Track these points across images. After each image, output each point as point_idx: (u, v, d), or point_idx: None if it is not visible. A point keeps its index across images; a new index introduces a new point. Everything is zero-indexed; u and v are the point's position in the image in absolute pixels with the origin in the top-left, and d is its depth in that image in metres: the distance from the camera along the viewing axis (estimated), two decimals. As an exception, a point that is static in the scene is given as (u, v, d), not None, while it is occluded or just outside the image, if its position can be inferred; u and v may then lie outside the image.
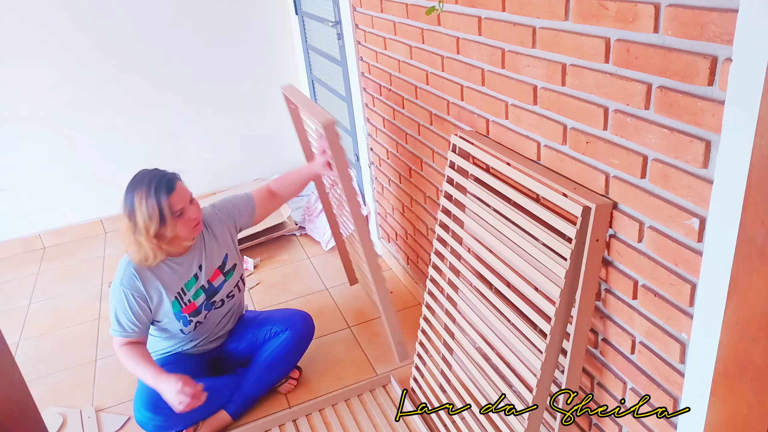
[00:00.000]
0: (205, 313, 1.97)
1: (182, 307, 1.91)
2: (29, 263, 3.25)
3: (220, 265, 1.98)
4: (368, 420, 1.93)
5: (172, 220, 1.74)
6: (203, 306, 1.96)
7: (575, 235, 1.20)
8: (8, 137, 3.15)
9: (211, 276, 1.96)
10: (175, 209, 1.74)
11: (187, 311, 1.92)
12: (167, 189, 1.72)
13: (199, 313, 1.95)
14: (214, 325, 2.04)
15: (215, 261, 1.96)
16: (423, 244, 2.32)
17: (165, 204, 1.71)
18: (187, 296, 1.91)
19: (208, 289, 1.95)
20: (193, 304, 1.93)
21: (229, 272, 2.00)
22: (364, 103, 2.57)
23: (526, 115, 1.39)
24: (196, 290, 1.93)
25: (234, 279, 2.02)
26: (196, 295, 1.93)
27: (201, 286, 1.94)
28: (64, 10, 3.02)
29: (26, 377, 1.17)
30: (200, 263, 1.93)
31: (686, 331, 1.07)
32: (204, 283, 1.94)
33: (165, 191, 1.72)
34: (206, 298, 1.95)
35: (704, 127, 0.93)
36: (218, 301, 2.00)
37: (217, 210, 2.01)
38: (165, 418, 1.86)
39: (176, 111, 3.43)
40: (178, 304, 1.90)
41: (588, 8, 1.10)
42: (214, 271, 1.96)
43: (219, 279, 1.98)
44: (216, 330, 2.06)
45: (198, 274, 1.92)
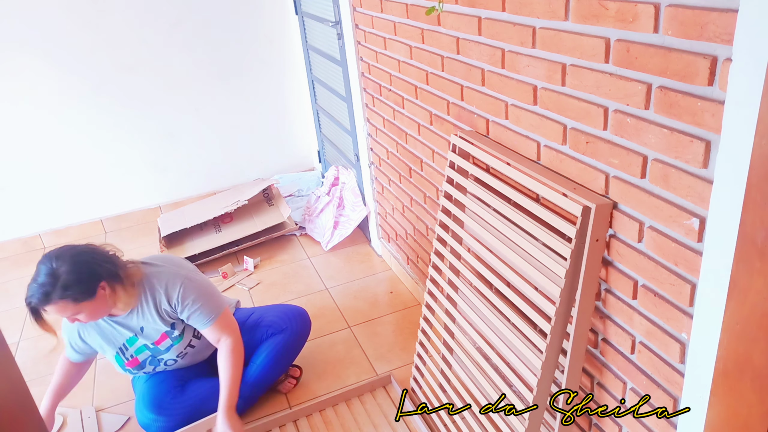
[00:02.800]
0: (152, 368, 1.91)
1: (125, 362, 1.88)
2: (29, 263, 3.25)
3: (168, 331, 1.86)
4: (368, 420, 1.93)
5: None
6: (148, 362, 1.89)
7: (575, 235, 1.20)
8: (8, 137, 3.15)
9: (156, 340, 1.86)
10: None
11: (131, 365, 1.89)
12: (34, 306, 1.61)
13: (143, 367, 1.90)
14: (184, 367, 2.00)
15: (159, 327, 1.84)
16: (423, 244, 2.32)
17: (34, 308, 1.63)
18: (129, 351, 1.87)
19: (152, 349, 1.88)
20: (136, 359, 1.88)
21: (178, 337, 1.89)
22: (364, 103, 2.57)
23: (526, 115, 1.39)
24: (139, 347, 1.87)
25: (184, 342, 1.90)
26: (138, 351, 1.87)
27: (144, 344, 1.87)
28: (64, 10, 3.02)
29: (26, 377, 1.17)
30: (141, 325, 1.83)
31: (686, 331, 1.07)
32: (147, 343, 1.86)
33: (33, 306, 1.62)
34: (152, 355, 1.89)
35: (704, 127, 0.93)
36: (169, 360, 1.91)
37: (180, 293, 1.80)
38: (169, 419, 1.86)
39: (176, 111, 3.43)
40: (120, 359, 1.87)
41: (588, 8, 1.10)
42: (161, 335, 1.86)
43: (166, 343, 1.88)
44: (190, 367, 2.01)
45: (138, 334, 1.85)
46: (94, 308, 1.68)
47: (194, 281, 1.84)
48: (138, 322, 1.83)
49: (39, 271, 1.62)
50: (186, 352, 1.93)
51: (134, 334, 1.84)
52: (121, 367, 1.89)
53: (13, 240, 3.35)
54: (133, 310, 1.80)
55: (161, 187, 3.55)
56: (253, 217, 3.23)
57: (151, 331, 1.84)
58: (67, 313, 1.64)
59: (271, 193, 3.39)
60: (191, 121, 3.49)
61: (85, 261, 1.65)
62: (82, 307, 1.65)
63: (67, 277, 1.60)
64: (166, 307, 1.81)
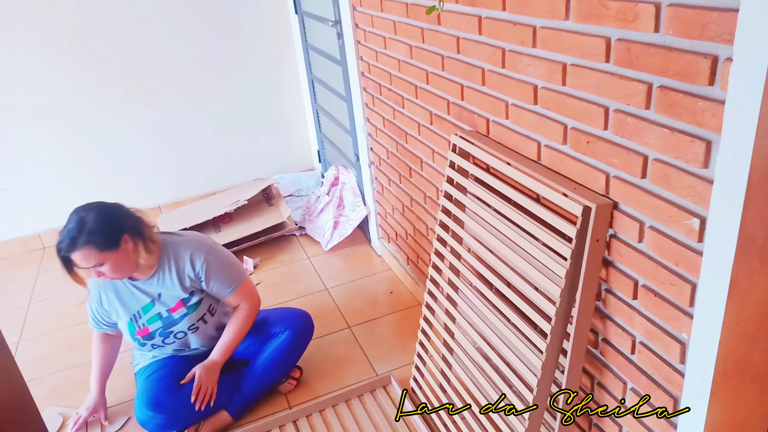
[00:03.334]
0: (161, 339, 1.94)
1: (136, 330, 1.92)
2: (29, 263, 3.25)
3: (185, 298, 1.91)
4: (368, 420, 1.93)
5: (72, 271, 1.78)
6: (158, 332, 1.93)
7: (575, 235, 1.19)
8: (8, 137, 3.14)
9: (172, 307, 1.91)
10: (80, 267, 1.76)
11: (141, 334, 1.92)
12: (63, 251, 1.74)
13: (152, 338, 1.94)
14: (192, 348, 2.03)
15: (178, 293, 1.90)
16: (423, 244, 2.32)
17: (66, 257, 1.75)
18: (142, 320, 1.90)
19: (165, 318, 1.92)
20: (147, 328, 1.91)
21: (193, 306, 1.93)
22: (364, 103, 2.57)
23: (526, 115, 1.39)
24: (152, 315, 1.91)
25: (198, 313, 1.94)
26: (151, 321, 1.91)
27: (158, 313, 1.91)
28: (64, 10, 3.02)
29: (26, 377, 1.17)
30: (159, 291, 1.89)
31: (686, 331, 1.07)
32: (162, 311, 1.91)
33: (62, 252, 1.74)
34: (163, 326, 1.92)
35: (705, 127, 0.93)
36: (179, 333, 1.95)
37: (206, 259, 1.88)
38: (166, 417, 1.86)
39: (176, 111, 3.43)
40: (132, 326, 1.91)
41: (588, 8, 1.10)
42: (176, 303, 1.91)
43: (180, 311, 1.92)
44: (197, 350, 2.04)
45: (155, 300, 1.90)
46: (117, 261, 1.75)
47: (218, 250, 1.95)
48: (157, 288, 1.88)
49: (69, 220, 1.75)
50: (197, 326, 1.97)
51: (151, 300, 1.89)
52: (131, 335, 1.93)
53: (13, 240, 3.35)
54: (154, 275, 1.87)
55: (161, 187, 3.55)
56: (253, 217, 3.22)
57: (168, 297, 1.90)
58: (92, 261, 1.72)
59: (271, 193, 3.39)
60: (191, 121, 3.49)
61: (111, 213, 1.79)
62: (106, 257, 1.73)
63: (93, 224, 1.72)
64: (189, 273, 1.88)
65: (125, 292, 1.89)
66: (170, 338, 1.95)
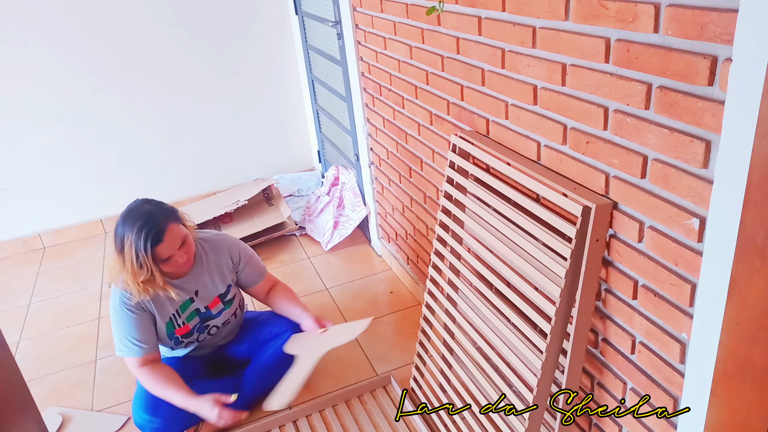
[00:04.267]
0: (197, 335, 1.97)
1: (175, 329, 1.91)
2: (29, 263, 3.25)
3: (222, 294, 1.97)
4: (368, 420, 1.93)
5: (159, 266, 1.75)
6: (196, 328, 1.95)
7: (575, 235, 1.20)
8: (8, 137, 3.15)
9: (210, 303, 1.95)
10: (163, 257, 1.73)
11: (180, 333, 1.93)
12: (155, 240, 1.69)
13: (191, 335, 1.95)
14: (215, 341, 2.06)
15: (217, 288, 1.95)
16: (423, 244, 2.32)
17: (153, 254, 1.70)
18: (182, 318, 1.91)
19: (203, 313, 1.94)
20: (187, 326, 1.93)
21: (229, 301, 2.00)
22: (364, 103, 2.57)
23: (526, 115, 1.39)
24: (190, 313, 1.92)
25: (233, 308, 2.02)
26: (189, 318, 1.92)
27: (196, 309, 1.93)
28: (64, 10, 3.02)
29: (26, 377, 1.17)
30: (197, 288, 1.91)
31: (686, 331, 1.07)
32: (200, 307, 1.93)
33: (153, 242, 1.69)
34: (200, 321, 1.95)
35: (704, 127, 0.93)
36: (213, 327, 1.99)
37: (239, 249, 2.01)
38: (164, 420, 1.86)
39: (176, 111, 3.43)
40: (171, 325, 1.91)
41: (588, 8, 1.10)
42: (214, 299, 1.95)
43: (218, 307, 1.97)
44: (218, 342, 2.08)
45: (194, 297, 1.91)
46: (189, 236, 1.80)
47: (243, 243, 2.07)
48: (195, 284, 1.91)
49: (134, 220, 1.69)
50: (229, 321, 2.03)
51: (189, 298, 1.91)
52: (170, 335, 1.91)
53: (13, 240, 3.35)
54: (192, 272, 1.89)
55: (162, 187, 3.55)
56: (253, 217, 3.23)
57: (206, 293, 1.93)
58: (179, 240, 1.74)
59: (271, 193, 3.39)
60: (191, 121, 3.49)
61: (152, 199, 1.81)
62: (184, 230, 1.78)
63: (157, 207, 1.76)
64: (228, 263, 1.97)
65: (162, 295, 1.85)
66: (204, 334, 1.98)
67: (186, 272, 1.88)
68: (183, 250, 1.77)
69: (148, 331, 1.84)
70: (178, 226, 1.76)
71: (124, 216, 1.73)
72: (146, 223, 1.69)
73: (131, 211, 1.74)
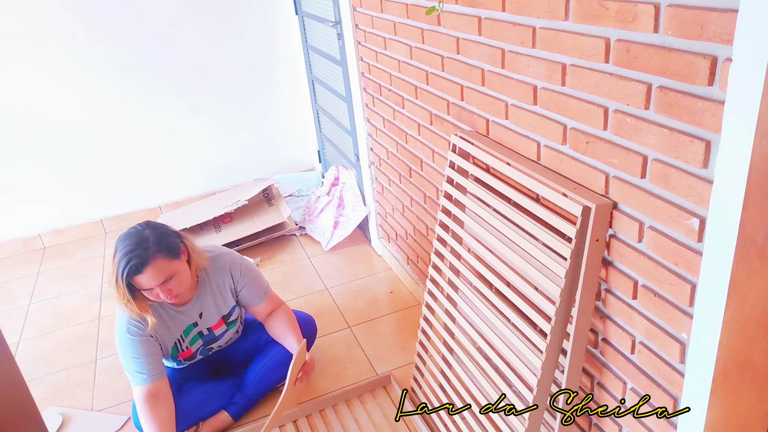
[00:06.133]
0: (200, 357, 1.98)
1: (179, 353, 1.92)
2: (29, 263, 3.25)
3: (225, 315, 1.95)
4: (368, 420, 1.93)
5: (136, 296, 1.69)
6: (199, 351, 1.96)
7: (575, 235, 1.20)
8: (8, 137, 3.15)
9: (213, 325, 1.94)
10: (142, 288, 1.67)
11: (184, 356, 1.93)
12: (133, 270, 1.62)
13: (193, 359, 1.96)
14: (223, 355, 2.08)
15: (220, 310, 1.93)
16: (423, 244, 2.32)
17: (128, 283, 1.65)
18: (185, 342, 1.90)
19: (206, 335, 1.94)
20: (190, 350, 1.93)
21: (232, 322, 1.99)
22: (364, 103, 2.57)
23: (526, 115, 1.39)
24: (194, 336, 1.91)
25: (235, 328, 2.02)
26: (193, 341, 1.92)
27: (199, 332, 1.92)
28: (65, 9, 3.02)
29: (26, 377, 1.17)
30: (201, 311, 1.89)
31: (686, 331, 1.07)
32: (203, 330, 1.92)
33: (131, 272, 1.62)
34: (203, 344, 1.95)
35: (704, 127, 0.93)
36: (215, 347, 2.01)
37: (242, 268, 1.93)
38: None
39: (176, 111, 3.43)
40: (176, 350, 1.90)
41: (588, 8, 1.10)
42: (218, 321, 1.94)
43: (221, 329, 1.96)
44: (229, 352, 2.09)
45: (198, 321, 1.90)
46: (183, 272, 1.72)
47: (247, 261, 1.98)
48: (198, 308, 1.88)
49: (127, 243, 1.65)
50: (232, 339, 2.04)
51: (193, 323, 1.89)
52: (174, 359, 1.92)
53: (13, 240, 3.35)
54: (196, 296, 1.86)
55: (162, 187, 3.55)
56: (253, 217, 3.23)
57: (210, 316, 1.91)
58: (164, 274, 1.66)
59: (271, 193, 3.39)
60: (191, 121, 3.49)
61: (159, 225, 1.74)
62: (176, 267, 1.69)
63: (155, 236, 1.67)
64: (229, 282, 1.91)
65: (167, 320, 1.83)
66: (206, 354, 2.00)
67: (187, 300, 1.84)
68: (167, 285, 1.68)
69: (152, 357, 1.78)
70: (167, 262, 1.66)
71: (124, 234, 1.70)
72: (133, 250, 1.63)
73: (129, 234, 1.69)
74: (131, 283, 1.66)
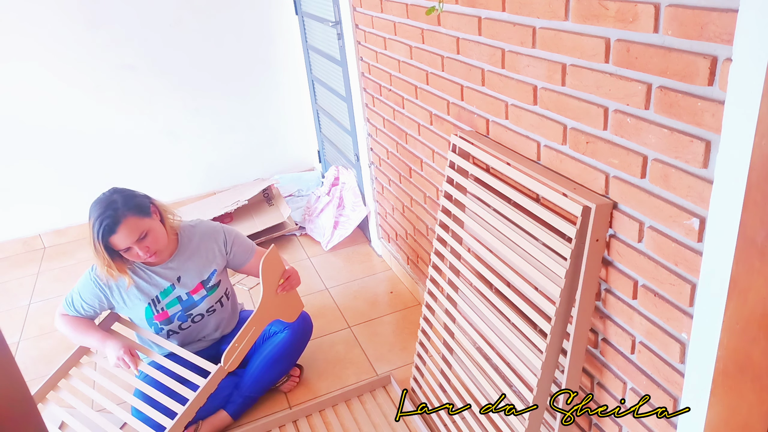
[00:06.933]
0: (178, 323, 1.97)
1: (154, 314, 1.93)
2: (29, 263, 3.25)
3: (204, 280, 1.97)
4: (368, 420, 1.93)
5: (114, 258, 1.79)
6: (177, 316, 1.96)
7: (575, 235, 1.20)
8: (8, 137, 3.15)
9: (192, 289, 1.95)
10: (119, 248, 1.77)
11: (159, 319, 1.94)
12: (107, 231, 1.73)
13: (171, 323, 1.96)
14: (205, 332, 2.05)
15: (199, 274, 1.96)
16: (423, 244, 2.32)
17: (105, 244, 1.75)
18: (161, 304, 1.92)
19: (185, 301, 1.95)
20: (166, 312, 1.94)
21: (212, 288, 1.99)
22: (364, 103, 2.57)
23: (526, 115, 1.39)
24: (171, 300, 1.93)
25: (216, 295, 2.01)
26: (170, 305, 1.93)
27: (177, 297, 1.94)
28: (64, 9, 3.02)
29: (26, 377, 1.17)
30: (179, 274, 1.93)
31: (686, 331, 1.07)
32: (182, 294, 1.94)
33: (105, 232, 1.73)
34: (182, 309, 1.96)
35: (704, 127, 0.93)
36: (197, 316, 1.99)
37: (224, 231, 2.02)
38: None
39: (176, 111, 3.43)
40: (150, 311, 1.92)
41: (588, 8, 1.10)
42: (196, 285, 1.96)
43: (200, 293, 1.97)
44: (211, 334, 2.07)
45: (175, 284, 1.93)
46: (156, 229, 1.80)
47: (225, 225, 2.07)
48: (176, 271, 1.92)
49: (96, 209, 1.75)
50: (215, 309, 2.02)
51: (171, 284, 1.92)
52: (149, 320, 1.94)
53: (13, 240, 3.35)
54: (174, 258, 1.92)
55: (161, 187, 3.55)
56: (253, 217, 3.23)
57: (188, 279, 1.94)
58: (137, 232, 1.75)
59: (271, 193, 3.39)
60: (191, 121, 3.49)
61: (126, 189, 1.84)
62: (148, 225, 1.78)
63: (124, 198, 1.77)
64: (220, 248, 1.99)
65: (143, 279, 1.90)
66: (187, 322, 1.98)
67: (165, 259, 1.90)
68: (144, 243, 1.77)
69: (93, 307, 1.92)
70: (138, 219, 1.76)
71: (93, 204, 1.79)
72: (103, 212, 1.73)
73: (98, 200, 1.79)
74: (108, 245, 1.75)
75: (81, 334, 1.92)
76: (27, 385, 1.08)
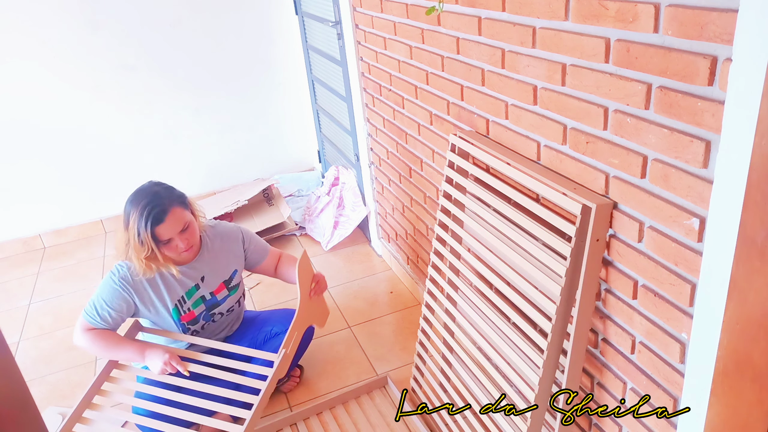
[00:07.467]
0: (203, 323, 1.98)
1: (181, 315, 1.93)
2: (29, 263, 3.25)
3: (227, 280, 1.99)
4: (367, 421, 1.93)
5: (159, 248, 1.78)
6: (202, 316, 1.96)
7: (575, 234, 1.20)
8: (8, 137, 3.15)
9: (215, 289, 1.97)
10: (162, 239, 1.77)
11: (186, 319, 1.94)
12: (156, 220, 1.73)
13: (196, 323, 1.96)
14: (216, 332, 2.06)
15: (222, 274, 1.97)
16: (423, 244, 2.32)
17: (152, 234, 1.74)
18: (187, 305, 1.92)
19: (209, 300, 1.96)
20: (192, 312, 1.94)
21: (234, 288, 2.01)
22: (364, 103, 2.57)
23: (526, 115, 1.39)
24: (196, 300, 1.94)
25: (237, 295, 2.04)
26: (195, 304, 1.94)
27: (201, 296, 1.94)
28: (65, 9, 3.02)
29: (26, 377, 1.18)
30: (203, 274, 1.93)
31: (686, 331, 1.07)
32: (206, 294, 1.95)
33: (154, 222, 1.73)
34: (206, 309, 1.97)
35: (704, 127, 0.93)
36: (218, 314, 2.01)
37: (242, 231, 2.05)
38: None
39: (176, 111, 3.43)
40: (177, 312, 1.92)
41: (588, 8, 1.10)
42: (219, 285, 1.97)
43: (223, 293, 1.99)
44: (219, 335, 2.07)
45: (200, 284, 1.93)
46: (194, 223, 1.83)
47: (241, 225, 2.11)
48: (200, 271, 1.93)
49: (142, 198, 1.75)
50: (233, 309, 2.05)
51: (195, 285, 1.92)
52: (176, 321, 1.93)
53: (13, 240, 3.35)
54: (198, 259, 1.92)
55: (161, 187, 3.55)
56: (253, 217, 3.23)
57: (212, 279, 1.95)
58: (181, 224, 1.77)
59: (271, 193, 3.39)
60: (191, 121, 3.49)
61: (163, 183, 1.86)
62: (189, 216, 1.81)
63: (167, 189, 1.81)
64: (239, 248, 2.01)
65: (168, 280, 1.89)
66: (209, 322, 2.00)
67: (190, 259, 1.90)
68: (185, 235, 1.79)
69: (120, 313, 1.85)
70: (182, 210, 1.78)
71: (133, 194, 1.79)
72: (150, 202, 1.73)
73: (140, 190, 1.79)
74: (155, 235, 1.74)
75: (113, 348, 1.84)
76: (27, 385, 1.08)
